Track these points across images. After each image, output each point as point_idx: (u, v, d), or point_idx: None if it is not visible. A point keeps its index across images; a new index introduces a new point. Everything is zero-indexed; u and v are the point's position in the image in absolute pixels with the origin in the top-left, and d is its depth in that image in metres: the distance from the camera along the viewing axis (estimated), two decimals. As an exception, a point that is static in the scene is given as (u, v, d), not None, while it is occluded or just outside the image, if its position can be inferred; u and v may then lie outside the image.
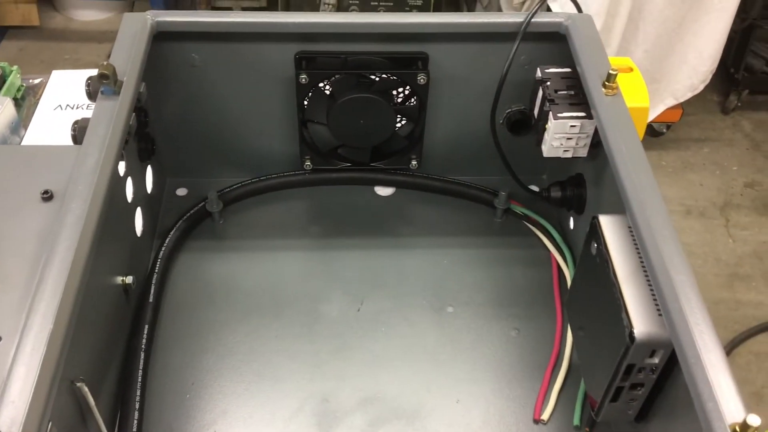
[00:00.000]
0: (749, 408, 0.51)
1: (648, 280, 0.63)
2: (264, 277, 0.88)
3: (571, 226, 0.89)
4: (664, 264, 0.59)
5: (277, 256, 0.91)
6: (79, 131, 0.71)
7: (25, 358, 0.52)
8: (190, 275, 0.88)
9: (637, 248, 0.65)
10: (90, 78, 0.75)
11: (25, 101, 1.10)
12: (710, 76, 2.19)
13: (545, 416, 0.76)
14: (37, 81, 1.13)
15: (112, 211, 0.67)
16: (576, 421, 0.75)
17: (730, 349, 1.95)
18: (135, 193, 0.82)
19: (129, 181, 0.80)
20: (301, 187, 0.97)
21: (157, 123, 0.89)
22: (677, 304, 0.56)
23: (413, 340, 0.82)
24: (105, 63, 0.71)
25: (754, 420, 0.48)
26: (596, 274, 0.68)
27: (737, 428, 0.49)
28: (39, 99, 1.08)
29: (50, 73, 1.12)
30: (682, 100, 2.22)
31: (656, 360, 0.61)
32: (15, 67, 1.10)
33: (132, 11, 0.97)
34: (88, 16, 2.68)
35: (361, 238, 0.93)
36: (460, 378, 0.79)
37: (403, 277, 0.89)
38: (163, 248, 0.86)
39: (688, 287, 0.58)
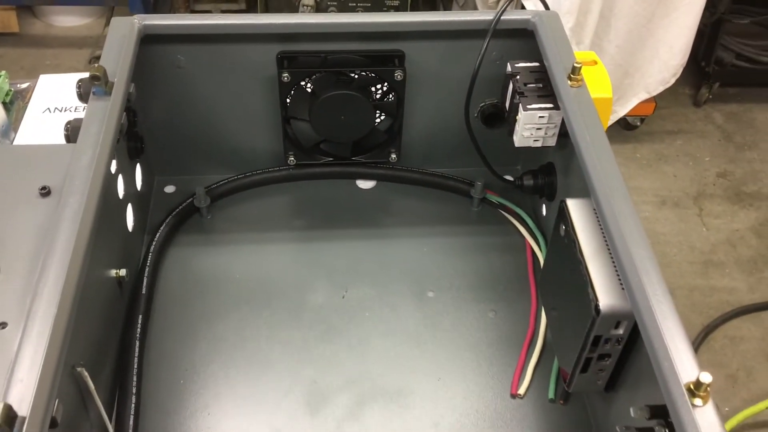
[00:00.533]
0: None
1: (612, 258, 0.67)
2: (252, 269, 0.92)
3: (544, 213, 0.94)
4: (625, 242, 0.64)
5: (264, 249, 0.95)
6: (72, 131, 0.75)
7: (31, 340, 0.55)
8: (181, 268, 0.91)
9: (602, 229, 0.70)
10: (81, 80, 0.78)
11: (14, 105, 1.13)
12: (681, 70, 2.25)
13: (522, 391, 0.80)
14: (24, 86, 1.16)
15: (106, 206, 0.71)
16: (551, 395, 0.80)
17: (705, 334, 2.01)
18: (126, 190, 0.86)
19: (120, 179, 0.84)
20: (286, 182, 1.01)
21: (145, 123, 0.92)
22: (637, 277, 0.61)
23: (396, 324, 0.87)
24: (96, 65, 0.74)
25: (706, 377, 0.53)
26: (565, 254, 0.72)
27: (691, 386, 0.54)
28: (28, 103, 1.11)
29: (38, 77, 1.15)
30: (654, 93, 2.28)
31: (621, 331, 0.66)
32: (3, 72, 1.13)
33: (112, 16, 1.00)
34: (67, 22, 2.69)
35: (344, 230, 0.97)
36: (440, 357, 0.84)
37: (385, 265, 0.93)
38: (154, 243, 0.90)
39: (647, 262, 0.62)
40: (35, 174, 0.69)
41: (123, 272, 0.80)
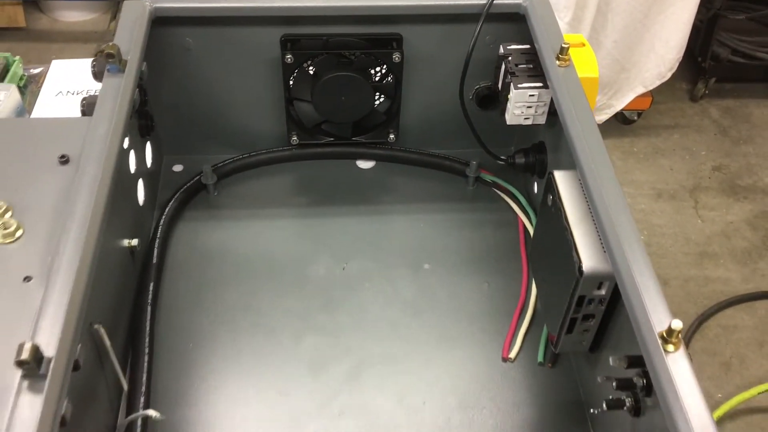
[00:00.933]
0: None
1: (595, 226, 0.71)
2: (256, 243, 0.96)
3: (535, 190, 0.98)
4: (606, 207, 0.68)
5: (267, 224, 0.99)
6: (88, 106, 0.79)
7: (54, 293, 0.60)
8: (189, 241, 0.96)
9: (586, 199, 0.74)
10: (95, 59, 0.83)
11: (28, 89, 1.17)
12: (677, 65, 2.29)
13: (512, 355, 0.85)
14: (37, 71, 1.21)
15: (119, 178, 0.75)
16: (540, 358, 0.84)
17: (699, 322, 2.04)
18: (137, 165, 0.90)
19: (132, 154, 0.88)
20: (289, 161, 1.05)
21: (155, 103, 0.97)
22: (617, 237, 0.65)
23: (393, 294, 0.91)
24: (110, 44, 0.79)
25: (677, 324, 0.57)
26: (552, 223, 0.77)
27: (664, 333, 0.58)
28: (41, 86, 1.16)
29: (50, 63, 1.20)
30: (651, 87, 2.32)
31: (603, 292, 0.70)
32: (17, 58, 1.17)
33: (117, 11, 1.04)
34: (73, 17, 2.73)
35: (345, 207, 1.02)
36: (436, 325, 0.88)
37: (384, 240, 0.98)
38: (164, 216, 0.94)
39: (627, 225, 0.67)
40: (54, 144, 0.73)
41: (135, 242, 0.85)
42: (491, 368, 0.84)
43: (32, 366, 0.54)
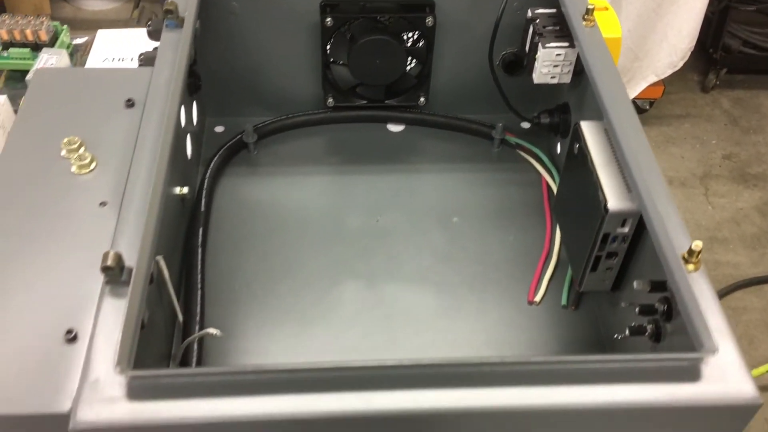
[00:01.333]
0: None
1: (619, 169, 0.77)
2: (293, 198, 1.02)
3: (558, 150, 1.04)
4: (631, 147, 0.74)
5: (303, 181, 1.05)
6: (146, 60, 0.86)
7: (129, 215, 0.66)
8: (231, 195, 1.02)
9: (611, 147, 0.80)
10: (151, 20, 0.89)
11: (74, 57, 1.24)
12: (689, 54, 2.34)
13: (537, 299, 0.90)
14: (82, 40, 1.27)
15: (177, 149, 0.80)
16: (563, 302, 0.90)
17: (709, 304, 2.08)
18: (186, 121, 0.96)
19: (182, 109, 0.94)
20: (323, 124, 1.11)
21: (201, 66, 1.03)
22: (640, 171, 0.71)
23: (425, 244, 0.97)
24: (169, 0, 0.85)
25: (697, 245, 0.63)
26: (577, 170, 0.82)
27: (685, 255, 0.64)
28: (88, 55, 1.22)
29: (96, 32, 1.26)
30: (663, 76, 2.37)
31: (626, 229, 0.76)
32: (65, 27, 1.24)
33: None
34: (96, 5, 2.80)
35: (376, 166, 1.08)
36: (464, 272, 0.94)
37: (414, 197, 1.03)
38: (209, 170, 1.00)
39: (652, 164, 0.72)
40: (119, 90, 0.80)
41: (185, 190, 0.91)
42: (517, 311, 0.90)
43: (116, 272, 0.60)
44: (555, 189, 1.01)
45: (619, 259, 0.79)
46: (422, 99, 1.08)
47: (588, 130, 0.82)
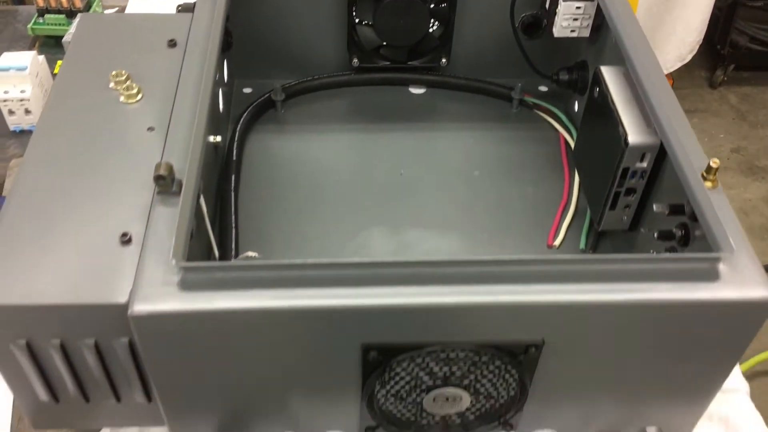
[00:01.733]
0: None
1: (639, 108, 0.81)
2: (319, 153, 1.06)
3: (576, 109, 1.08)
4: (652, 84, 0.78)
5: (329, 138, 1.09)
6: (184, 8, 0.90)
7: (175, 140, 0.70)
8: (260, 149, 1.05)
9: (630, 90, 0.83)
10: (187, -26, 0.94)
11: (107, 25, 1.28)
12: (697, 47, 2.38)
13: (557, 243, 0.94)
14: (113, 10, 1.32)
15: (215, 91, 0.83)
16: (582, 245, 0.93)
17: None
18: (218, 75, 1.00)
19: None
20: (348, 86, 1.15)
21: (233, 25, 1.07)
22: (662, 106, 0.74)
23: (447, 194, 1.00)
24: (206, -46, 0.89)
25: (715, 161, 0.67)
26: (597, 113, 0.86)
27: (704, 173, 0.67)
28: (120, 23, 1.27)
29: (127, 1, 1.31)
30: (671, 70, 2.40)
31: (645, 164, 0.79)
32: (98, -5, 1.28)
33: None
34: None
35: (399, 125, 1.11)
36: (485, 220, 0.97)
37: (436, 153, 1.07)
38: (240, 124, 1.04)
39: (671, 99, 0.76)
40: (161, 32, 0.84)
41: (218, 138, 0.95)
42: (537, 254, 0.93)
43: (167, 182, 0.64)
44: (573, 145, 1.05)
45: (638, 196, 0.83)
46: (444, 60, 1.12)
47: (608, 73, 0.85)
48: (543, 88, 1.14)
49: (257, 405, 0.69)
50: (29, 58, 1.10)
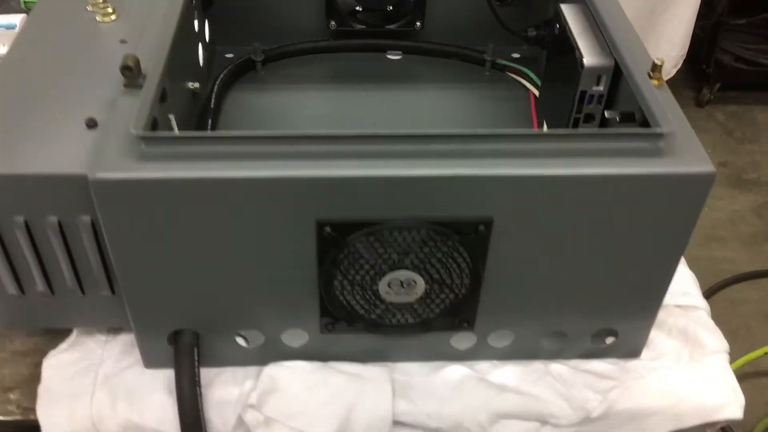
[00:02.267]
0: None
1: (596, 37, 0.84)
2: (298, 109, 1.09)
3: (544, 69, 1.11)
4: (609, 13, 0.81)
5: (308, 96, 1.12)
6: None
7: (147, 47, 0.73)
8: (239, 107, 1.08)
9: (589, 23, 0.87)
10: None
11: None
12: (681, 61, 2.43)
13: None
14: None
15: (186, 25, 0.86)
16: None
17: (707, 296, 2.12)
18: (199, 29, 1.04)
19: (195, 15, 1.02)
20: (327, 52, 1.19)
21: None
22: (618, 30, 0.78)
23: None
24: None
25: (660, 59, 0.69)
26: (557, 50, 0.89)
27: (649, 72, 0.70)
28: None
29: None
30: (657, 84, 2.45)
31: (601, 87, 0.82)
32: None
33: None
34: None
35: (377, 87, 1.15)
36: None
37: (412, 111, 1.10)
38: (219, 78, 1.08)
39: (627, 26, 0.80)
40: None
41: (197, 85, 0.98)
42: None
43: (134, 73, 0.67)
44: (541, 99, 1.08)
45: (596, 123, 0.85)
46: (419, 24, 1.16)
47: (568, 9, 0.89)
48: (516, 55, 1.18)
49: (218, 298, 0.70)
50: (18, 19, 1.14)
